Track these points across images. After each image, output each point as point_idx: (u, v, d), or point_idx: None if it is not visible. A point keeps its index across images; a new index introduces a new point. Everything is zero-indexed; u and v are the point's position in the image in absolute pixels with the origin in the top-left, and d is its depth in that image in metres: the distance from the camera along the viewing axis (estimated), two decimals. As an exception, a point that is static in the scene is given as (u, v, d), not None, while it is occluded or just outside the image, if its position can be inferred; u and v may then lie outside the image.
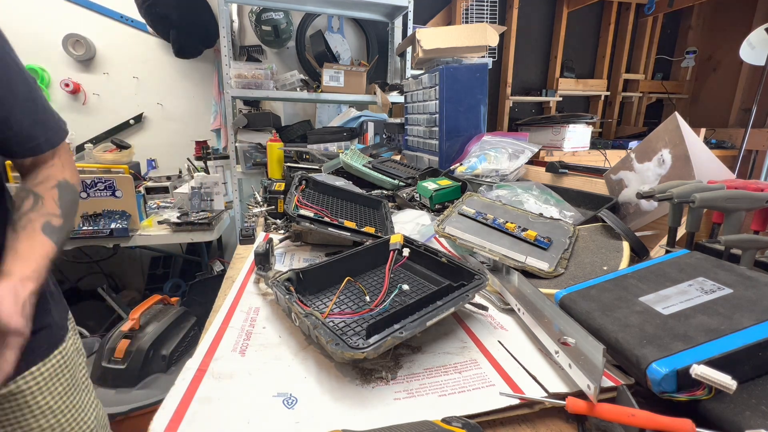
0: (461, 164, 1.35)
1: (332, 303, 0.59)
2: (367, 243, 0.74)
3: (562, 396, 0.41)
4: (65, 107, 2.47)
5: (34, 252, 0.59)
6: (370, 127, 2.45)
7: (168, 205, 2.12)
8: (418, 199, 1.22)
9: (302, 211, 0.82)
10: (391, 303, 0.56)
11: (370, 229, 0.84)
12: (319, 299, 0.61)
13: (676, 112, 0.83)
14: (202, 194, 1.96)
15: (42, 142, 0.66)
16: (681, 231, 0.73)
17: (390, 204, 1.16)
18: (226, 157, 2.34)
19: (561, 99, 3.35)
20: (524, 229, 0.79)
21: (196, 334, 1.58)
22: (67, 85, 2.40)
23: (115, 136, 2.54)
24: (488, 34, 1.53)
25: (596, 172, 1.17)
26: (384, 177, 1.36)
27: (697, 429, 0.34)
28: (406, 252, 0.67)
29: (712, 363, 0.38)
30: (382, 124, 2.37)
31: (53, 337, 0.74)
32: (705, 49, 3.52)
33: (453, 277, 0.61)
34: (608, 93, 3.55)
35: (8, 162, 0.83)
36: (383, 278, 0.65)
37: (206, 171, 2.40)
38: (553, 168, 1.23)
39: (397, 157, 1.86)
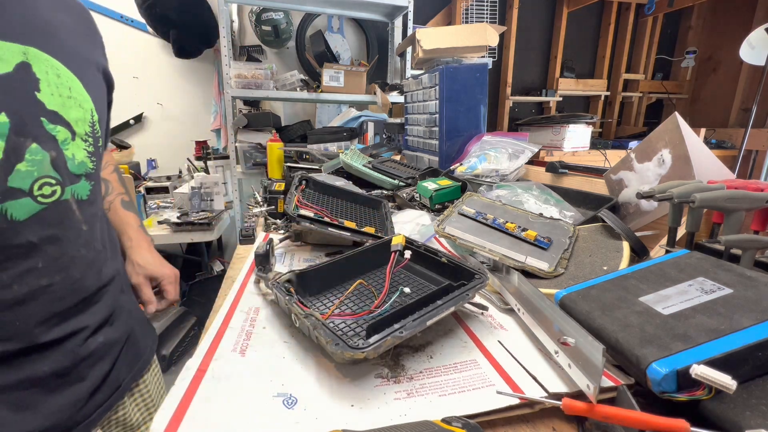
0: (461, 164, 1.35)
1: (335, 306, 0.59)
2: (368, 244, 0.74)
3: (561, 396, 0.41)
4: (65, 107, 2.47)
5: (129, 225, 0.71)
6: (370, 127, 2.44)
7: (168, 205, 2.12)
8: (418, 199, 1.22)
9: (302, 211, 0.82)
10: (391, 305, 0.56)
11: (370, 229, 0.84)
12: (320, 300, 0.61)
13: (676, 112, 0.83)
14: (202, 194, 1.96)
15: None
16: (681, 231, 0.73)
17: (390, 204, 1.16)
18: (226, 157, 2.34)
19: (561, 99, 3.35)
20: (524, 229, 0.79)
21: (196, 334, 1.58)
22: (67, 85, 2.40)
23: (115, 136, 2.54)
24: (488, 34, 1.53)
25: (596, 172, 1.17)
26: (384, 177, 1.36)
27: (693, 429, 0.34)
28: (407, 254, 0.66)
29: (712, 363, 0.38)
30: (382, 124, 2.37)
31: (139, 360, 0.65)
32: (705, 49, 3.52)
33: (453, 276, 0.61)
34: (608, 93, 3.55)
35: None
36: (384, 279, 0.65)
37: (206, 171, 2.40)
38: (553, 168, 1.23)
39: (397, 157, 1.85)
